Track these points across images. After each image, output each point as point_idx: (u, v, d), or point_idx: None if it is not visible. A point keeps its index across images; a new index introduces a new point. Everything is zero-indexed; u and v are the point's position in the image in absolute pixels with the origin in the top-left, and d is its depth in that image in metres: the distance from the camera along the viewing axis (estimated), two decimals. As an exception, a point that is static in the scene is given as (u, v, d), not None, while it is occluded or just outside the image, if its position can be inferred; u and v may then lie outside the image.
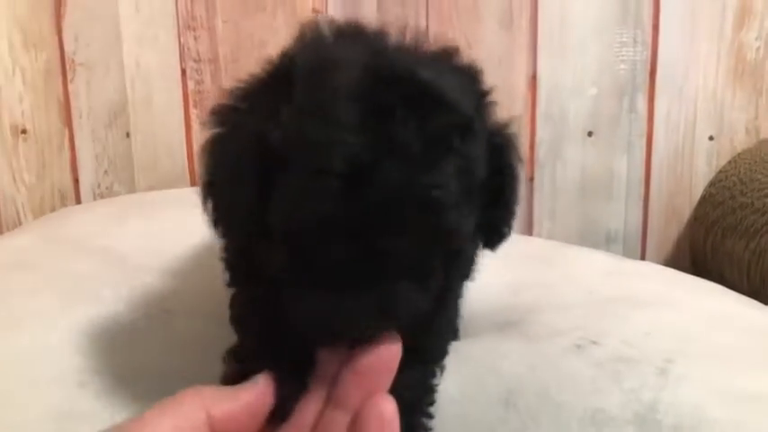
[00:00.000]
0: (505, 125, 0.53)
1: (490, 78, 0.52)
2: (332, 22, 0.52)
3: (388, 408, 0.42)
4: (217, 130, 0.50)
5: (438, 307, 0.51)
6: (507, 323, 0.74)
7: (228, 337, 0.67)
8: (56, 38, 1.21)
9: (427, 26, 1.21)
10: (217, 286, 0.76)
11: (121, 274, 0.77)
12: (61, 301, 0.70)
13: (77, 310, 0.68)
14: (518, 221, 1.29)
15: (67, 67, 1.22)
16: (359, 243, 0.43)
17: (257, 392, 0.44)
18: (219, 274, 0.76)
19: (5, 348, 0.63)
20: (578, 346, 0.64)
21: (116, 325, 0.67)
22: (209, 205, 0.50)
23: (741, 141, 1.28)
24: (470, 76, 0.51)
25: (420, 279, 0.47)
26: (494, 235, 0.54)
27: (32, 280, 0.74)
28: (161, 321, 0.69)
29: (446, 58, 0.51)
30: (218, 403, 0.41)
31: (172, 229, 0.92)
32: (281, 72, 0.49)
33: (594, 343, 0.65)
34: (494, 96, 0.51)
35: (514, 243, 1.04)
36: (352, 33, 0.51)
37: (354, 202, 0.42)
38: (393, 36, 0.51)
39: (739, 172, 1.21)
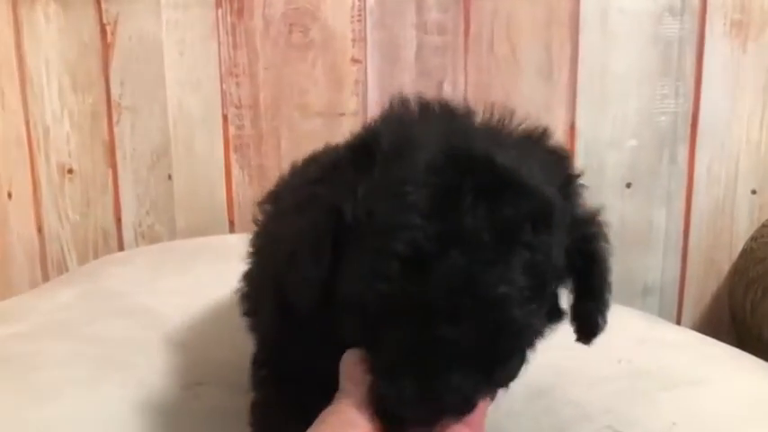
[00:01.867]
0: (596, 212, 0.53)
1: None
2: (420, 98, 0.53)
3: None
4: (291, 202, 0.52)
5: None
6: (539, 391, 0.74)
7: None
8: (103, 81, 1.25)
9: (466, 77, 1.21)
10: (246, 356, 0.78)
11: (155, 340, 0.78)
12: (95, 370, 0.71)
13: (110, 380, 0.70)
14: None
15: (113, 109, 1.26)
16: (420, 328, 0.43)
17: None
18: (249, 343, 0.77)
19: (36, 419, 0.64)
20: (603, 437, 0.64)
21: (147, 397, 0.69)
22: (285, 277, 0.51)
23: (785, 195, 1.26)
24: (556, 160, 0.51)
25: (483, 372, 0.46)
26: (587, 327, 0.53)
27: (70, 346, 0.76)
28: (193, 393, 0.70)
29: (532, 140, 0.51)
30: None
31: (207, 284, 0.94)
32: (363, 147, 0.49)
33: (620, 434, 0.64)
34: (583, 180, 0.51)
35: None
36: (438, 111, 0.52)
37: (416, 287, 0.42)
38: (479, 115, 0.51)
39: (782, 228, 1.18)
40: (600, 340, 0.88)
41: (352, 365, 0.47)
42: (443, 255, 0.42)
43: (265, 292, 0.62)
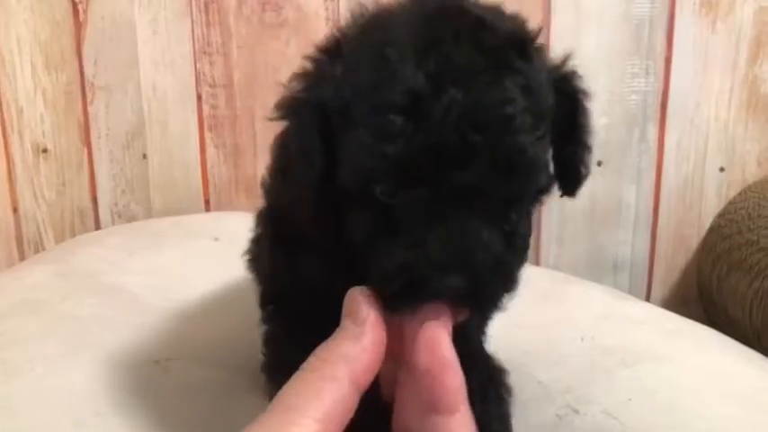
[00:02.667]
0: (564, 59, 0.53)
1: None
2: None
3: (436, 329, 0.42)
4: (281, 123, 0.50)
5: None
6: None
7: (228, 383, 0.70)
8: (76, 61, 1.24)
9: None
10: (219, 332, 0.79)
11: (126, 318, 0.80)
12: (65, 347, 0.72)
13: (80, 357, 0.71)
14: (526, 247, 1.31)
15: (87, 89, 1.26)
16: (435, 181, 0.42)
17: (371, 333, 0.42)
18: (221, 318, 0.79)
19: (5, 394, 0.65)
20: (559, 417, 0.66)
21: (117, 372, 0.70)
22: (281, 195, 0.52)
23: (753, 173, 1.28)
24: (518, 19, 0.50)
25: (504, 230, 0.45)
26: (571, 177, 0.53)
27: (41, 324, 0.77)
28: (162, 368, 0.71)
29: (494, 10, 0.50)
30: (353, 364, 0.41)
31: (180, 263, 0.95)
32: (330, 41, 0.50)
33: (576, 412, 0.67)
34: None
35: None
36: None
37: (423, 135, 0.41)
38: None
39: (748, 205, 1.21)
40: (564, 317, 0.92)
41: (355, 302, 0.44)
42: (441, 92, 0.41)
43: (264, 224, 0.63)
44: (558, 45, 1.22)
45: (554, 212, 1.30)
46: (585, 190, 1.29)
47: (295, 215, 0.52)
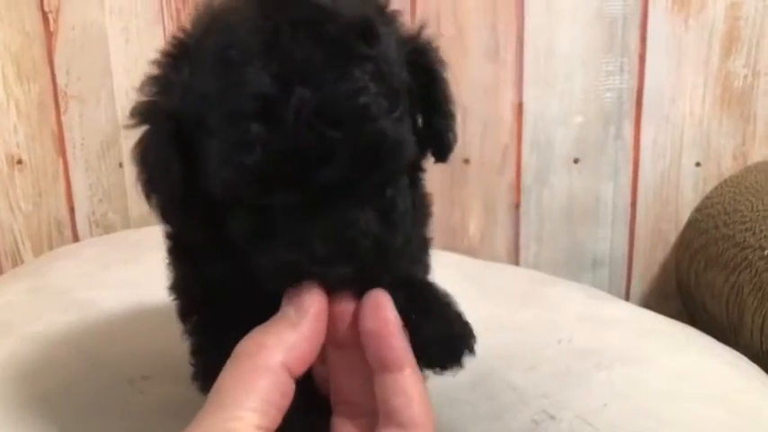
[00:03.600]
0: (418, 31, 0.51)
1: (477, 108, 0.52)
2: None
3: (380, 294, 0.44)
4: (138, 131, 0.49)
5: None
6: (481, 377, 0.76)
7: (204, 402, 0.70)
8: (48, 71, 1.23)
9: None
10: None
11: (99, 336, 0.79)
12: (34, 369, 0.72)
13: (51, 379, 0.70)
14: (505, 246, 1.31)
15: (60, 99, 1.25)
16: (301, 182, 0.42)
17: (312, 322, 0.43)
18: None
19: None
20: (536, 423, 0.67)
21: (94, 394, 0.69)
22: (152, 200, 0.49)
23: (728, 167, 1.29)
24: None
25: (384, 207, 0.45)
26: (440, 144, 0.53)
27: (9, 345, 0.77)
28: (137, 388, 0.71)
29: None
30: (290, 351, 0.42)
31: (156, 275, 0.94)
32: (176, 46, 0.48)
33: (552, 418, 0.67)
34: (393, 6, 0.49)
35: (496, 273, 1.08)
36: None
37: (279, 140, 0.40)
38: None
39: (724, 200, 1.21)
40: (541, 319, 0.92)
41: (299, 291, 0.44)
42: (290, 93, 0.40)
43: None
44: (531, 44, 1.23)
45: (532, 211, 1.30)
46: (563, 188, 1.31)
47: (168, 222, 0.51)
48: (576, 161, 1.28)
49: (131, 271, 0.96)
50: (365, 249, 0.44)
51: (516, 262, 1.32)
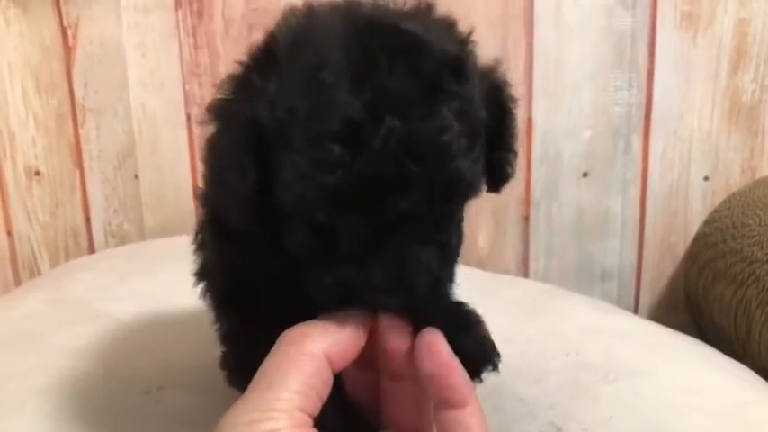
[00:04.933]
0: (494, 67, 0.53)
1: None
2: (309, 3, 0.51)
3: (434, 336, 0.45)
4: (212, 127, 0.49)
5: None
6: (491, 389, 0.77)
7: (222, 412, 0.71)
8: (66, 84, 1.26)
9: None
10: (209, 356, 0.80)
11: (116, 347, 0.81)
12: (57, 379, 0.73)
13: (71, 390, 0.72)
14: (514, 259, 1.33)
15: (78, 112, 1.27)
16: (373, 209, 0.42)
17: (354, 329, 0.45)
18: (212, 343, 0.80)
19: (-1, 431, 0.66)
20: (541, 436, 0.68)
21: (108, 405, 0.70)
22: (216, 199, 0.51)
23: (736, 181, 1.30)
24: (448, 25, 0.50)
25: (443, 242, 0.46)
26: (498, 177, 0.53)
27: (32, 358, 0.78)
28: (153, 398, 0.73)
29: (422, 12, 0.50)
30: (333, 345, 0.44)
31: (172, 287, 0.96)
32: (263, 51, 0.48)
33: (559, 430, 0.68)
34: (475, 39, 0.51)
35: (504, 285, 1.09)
36: (327, 7, 0.50)
37: (360, 165, 0.41)
38: (367, 3, 0.50)
39: (732, 214, 1.22)
40: (549, 331, 0.93)
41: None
42: (379, 122, 0.41)
43: (207, 231, 0.61)
44: (541, 59, 1.24)
45: (541, 224, 1.31)
46: (572, 201, 1.32)
47: (234, 224, 0.51)
48: (584, 175, 1.29)
49: (147, 283, 0.98)
50: (423, 285, 0.44)
51: (525, 274, 1.33)
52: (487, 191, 0.54)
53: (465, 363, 0.48)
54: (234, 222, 0.49)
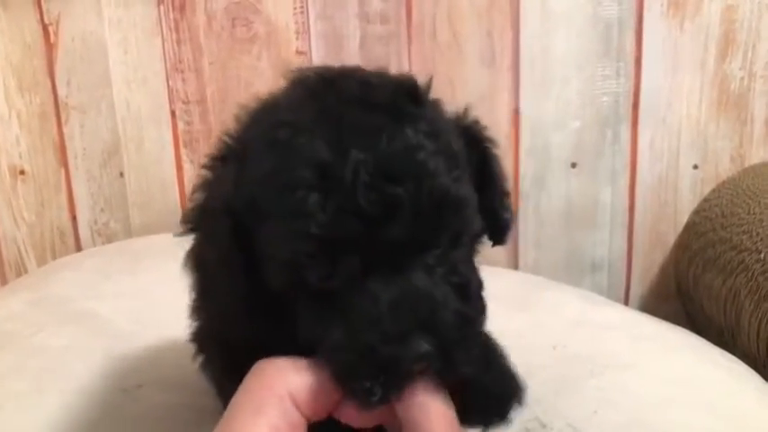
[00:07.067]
0: (465, 111, 0.52)
1: (473, 114, 0.52)
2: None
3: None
4: (191, 238, 0.49)
5: None
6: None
7: (197, 408, 0.70)
8: (49, 82, 1.25)
9: (410, 65, 1.22)
10: (187, 356, 0.80)
11: (97, 346, 0.80)
12: (36, 380, 0.73)
13: (51, 390, 0.72)
14: (504, 251, 1.32)
15: (61, 109, 1.26)
16: (367, 244, 0.40)
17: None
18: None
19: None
20: (527, 430, 0.67)
21: (89, 403, 0.70)
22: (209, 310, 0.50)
23: (726, 169, 1.29)
24: (403, 74, 0.49)
25: (458, 284, 0.44)
26: (495, 224, 0.52)
27: (12, 358, 0.78)
28: (132, 397, 0.72)
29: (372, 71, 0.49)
30: (300, 387, 0.42)
31: (155, 285, 0.95)
32: (220, 148, 0.49)
33: (543, 426, 0.68)
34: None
35: (494, 278, 1.09)
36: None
37: (338, 202, 0.40)
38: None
39: (722, 203, 1.22)
40: (537, 324, 0.93)
41: None
42: (345, 156, 0.40)
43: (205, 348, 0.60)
44: (527, 50, 1.23)
45: (530, 216, 1.31)
46: (561, 192, 1.31)
47: (232, 330, 0.49)
48: (573, 165, 1.28)
49: (131, 281, 0.98)
50: (447, 322, 0.42)
51: (515, 266, 1.32)
52: (492, 244, 0.53)
53: (490, 401, 0.47)
54: (228, 322, 0.48)
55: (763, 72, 1.24)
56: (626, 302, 1.34)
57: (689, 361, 0.84)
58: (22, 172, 1.28)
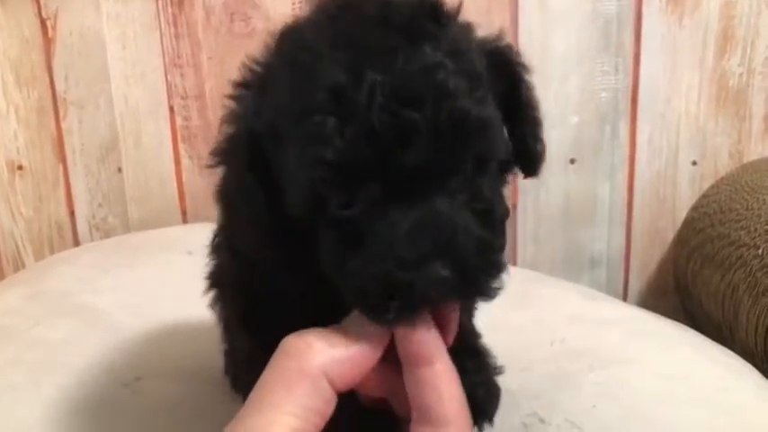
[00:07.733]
0: (498, 36, 0.50)
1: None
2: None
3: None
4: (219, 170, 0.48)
5: None
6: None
7: (196, 399, 0.71)
8: (47, 77, 1.25)
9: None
10: (187, 347, 0.80)
11: (96, 339, 0.80)
12: (33, 373, 0.73)
13: (48, 384, 0.71)
14: (503, 246, 1.32)
15: (59, 104, 1.26)
16: (385, 170, 0.39)
17: (366, 347, 0.42)
18: (190, 333, 0.79)
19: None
20: (525, 425, 0.67)
21: (86, 397, 0.70)
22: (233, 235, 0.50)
23: (725, 165, 1.29)
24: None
25: (479, 211, 0.42)
26: (528, 155, 0.50)
27: (9, 351, 0.78)
28: (131, 390, 0.72)
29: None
30: (333, 362, 0.41)
31: (153, 279, 0.96)
32: (246, 75, 0.47)
33: (542, 421, 0.68)
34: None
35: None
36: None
37: (355, 128, 0.39)
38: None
39: (720, 198, 1.22)
40: (536, 320, 0.93)
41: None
42: (361, 79, 0.39)
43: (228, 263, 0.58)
44: (526, 45, 1.23)
45: (529, 211, 1.31)
46: (560, 188, 1.31)
47: (254, 255, 0.49)
48: (572, 161, 1.28)
49: (129, 275, 0.98)
50: (466, 247, 0.40)
51: (514, 262, 1.32)
52: (525, 176, 0.51)
53: (476, 405, 0.46)
54: (252, 251, 0.47)
55: (762, 68, 1.24)
56: (624, 298, 1.34)
57: (687, 356, 0.84)
58: (20, 167, 1.28)
